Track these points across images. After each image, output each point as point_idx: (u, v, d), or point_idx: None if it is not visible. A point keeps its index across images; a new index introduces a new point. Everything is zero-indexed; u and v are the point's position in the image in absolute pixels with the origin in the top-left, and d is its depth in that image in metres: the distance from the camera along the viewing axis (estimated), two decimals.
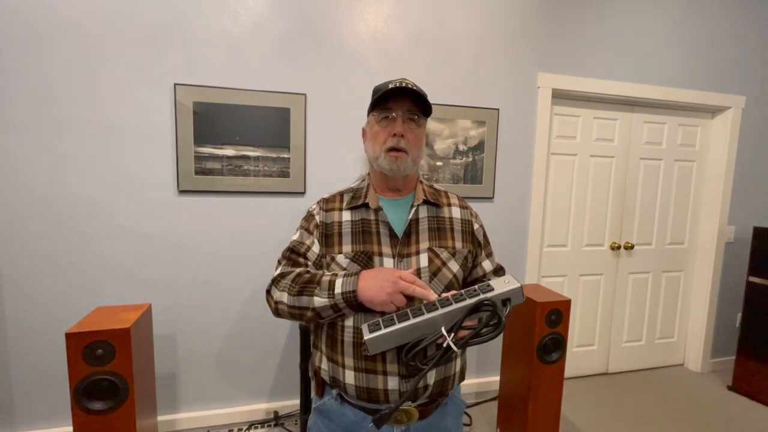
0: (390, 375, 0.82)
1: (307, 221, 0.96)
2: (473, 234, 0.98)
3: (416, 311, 0.75)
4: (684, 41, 2.39)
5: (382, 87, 0.91)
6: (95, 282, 1.74)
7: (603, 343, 2.62)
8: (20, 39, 1.57)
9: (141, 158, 1.74)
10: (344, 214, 0.93)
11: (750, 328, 2.38)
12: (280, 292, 0.86)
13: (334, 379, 0.88)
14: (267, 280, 1.93)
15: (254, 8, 1.79)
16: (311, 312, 0.82)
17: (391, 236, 0.90)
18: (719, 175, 2.58)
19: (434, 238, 0.92)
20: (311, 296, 0.81)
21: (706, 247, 2.67)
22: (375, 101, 0.91)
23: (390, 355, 0.82)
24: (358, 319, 0.83)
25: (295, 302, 0.83)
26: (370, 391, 0.83)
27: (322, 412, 0.94)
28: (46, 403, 1.74)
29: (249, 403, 1.99)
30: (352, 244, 0.89)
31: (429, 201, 0.95)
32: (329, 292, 0.80)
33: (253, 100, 1.81)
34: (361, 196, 0.95)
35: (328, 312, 0.82)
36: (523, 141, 2.21)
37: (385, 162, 0.90)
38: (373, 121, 0.93)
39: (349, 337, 0.85)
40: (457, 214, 0.97)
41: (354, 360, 0.84)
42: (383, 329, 0.73)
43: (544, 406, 1.74)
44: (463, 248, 0.94)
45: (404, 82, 0.89)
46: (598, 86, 2.27)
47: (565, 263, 2.47)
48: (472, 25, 2.05)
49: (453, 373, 0.90)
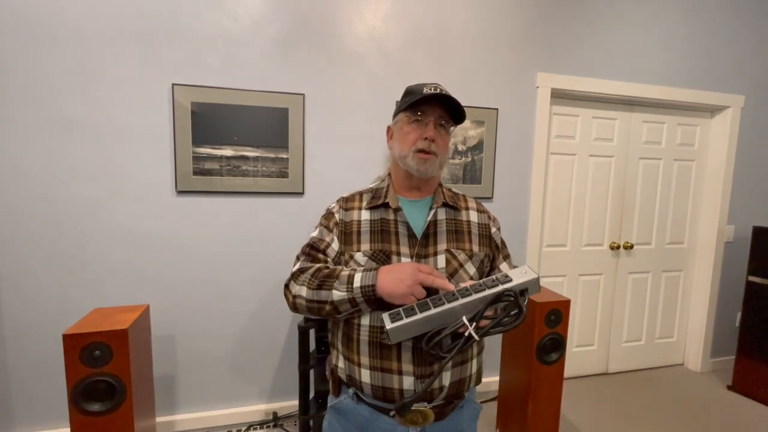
0: (405, 375, 0.83)
1: (327, 219, 0.97)
2: (491, 237, 0.99)
3: (436, 301, 0.76)
4: (683, 41, 2.38)
5: (416, 90, 0.92)
6: (93, 283, 1.74)
7: (602, 343, 2.62)
8: (18, 39, 1.57)
9: (139, 159, 1.73)
10: (363, 213, 0.94)
11: (749, 328, 2.38)
12: (299, 286, 0.86)
13: (350, 377, 0.89)
14: (266, 281, 1.93)
15: (252, 8, 1.79)
16: (329, 306, 0.82)
17: (409, 236, 0.91)
18: (718, 174, 2.58)
19: (452, 240, 0.93)
20: (330, 290, 0.82)
21: (705, 247, 2.67)
22: (408, 103, 0.91)
23: (406, 354, 0.83)
24: (374, 318, 0.84)
25: (314, 296, 0.84)
26: (385, 390, 0.84)
27: (339, 411, 0.95)
28: (44, 405, 1.73)
29: (248, 403, 1.98)
30: (371, 243, 0.90)
31: (448, 204, 0.97)
32: (348, 285, 0.81)
33: (251, 100, 1.81)
34: (381, 195, 0.96)
35: (346, 306, 0.82)
36: (522, 141, 2.21)
37: (413, 161, 0.91)
38: (404, 121, 0.93)
39: (365, 336, 0.85)
40: (474, 218, 0.98)
41: (370, 359, 0.85)
42: (405, 319, 0.75)
43: (544, 406, 1.73)
44: (479, 251, 0.95)
45: (439, 88, 0.91)
46: (597, 86, 2.26)
47: (565, 263, 2.47)
48: (470, 24, 2.05)
49: (469, 374, 0.90)
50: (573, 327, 2.53)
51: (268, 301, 1.95)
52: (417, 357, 0.83)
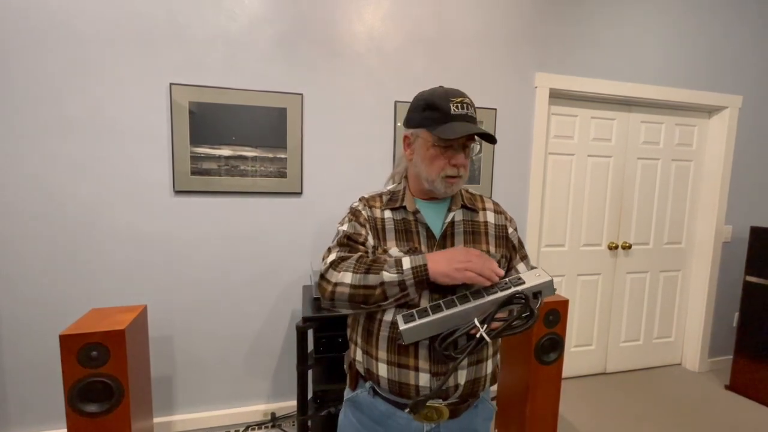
0: (421, 371, 0.85)
1: (355, 216, 0.96)
2: (507, 238, 0.99)
3: (449, 303, 0.78)
4: (681, 41, 2.39)
5: (441, 104, 0.86)
6: (90, 283, 1.73)
7: (601, 343, 2.62)
8: (16, 39, 1.56)
9: (137, 158, 1.73)
10: (386, 212, 0.95)
11: (747, 328, 2.39)
12: (343, 273, 0.85)
13: (368, 371, 0.90)
14: (264, 281, 1.93)
15: (251, 8, 1.78)
16: (379, 289, 0.82)
17: (428, 237, 0.92)
18: (716, 174, 2.59)
19: (469, 241, 0.93)
20: (379, 273, 0.82)
21: (703, 247, 2.67)
22: (437, 127, 0.86)
23: (422, 352, 0.85)
24: (396, 314, 0.86)
25: (361, 281, 0.82)
26: (401, 386, 0.86)
27: (355, 404, 0.96)
28: (40, 406, 1.72)
29: (246, 404, 1.98)
30: (397, 241, 0.91)
31: (466, 206, 0.97)
32: (398, 268, 0.81)
33: (249, 100, 1.80)
34: (398, 198, 0.96)
35: (395, 290, 0.81)
36: (520, 141, 2.21)
37: (441, 186, 0.90)
38: (429, 141, 0.89)
39: (385, 332, 0.87)
40: (491, 219, 0.99)
41: (388, 354, 0.87)
42: (418, 320, 0.76)
43: (542, 406, 1.73)
44: (496, 252, 0.95)
45: (464, 103, 0.87)
46: (596, 86, 2.27)
47: (563, 263, 2.47)
48: (469, 25, 2.05)
49: (484, 375, 0.90)
50: (571, 327, 2.53)
51: (266, 301, 1.95)
52: (433, 355, 0.84)
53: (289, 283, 1.97)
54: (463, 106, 0.87)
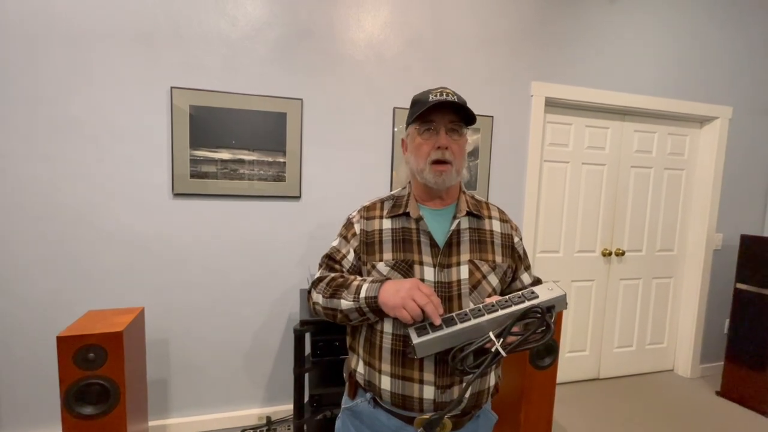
0: (426, 384, 0.83)
1: (347, 229, 0.97)
2: (513, 248, 0.97)
3: (462, 316, 0.76)
4: (674, 52, 2.44)
5: (422, 98, 0.91)
6: (88, 285, 1.73)
7: (594, 349, 2.65)
8: (15, 40, 1.57)
9: (136, 161, 1.73)
10: (385, 222, 0.93)
11: (737, 335, 2.42)
12: (317, 294, 0.91)
13: (369, 383, 0.89)
14: (261, 284, 1.95)
15: (252, 13, 1.80)
16: (340, 314, 0.86)
17: (431, 246, 0.89)
18: (707, 183, 2.64)
19: (475, 250, 0.91)
20: (340, 299, 0.85)
21: (694, 254, 2.71)
22: (416, 114, 0.90)
23: (428, 364, 0.83)
24: (397, 326, 0.84)
25: (328, 304, 0.88)
26: (405, 399, 0.84)
27: (354, 413, 0.94)
28: (36, 408, 1.71)
29: (241, 408, 1.97)
30: (393, 252, 0.89)
31: (471, 213, 0.95)
32: (355, 295, 0.83)
33: (249, 104, 1.82)
34: (401, 204, 0.95)
35: (355, 315, 0.84)
36: (516, 148, 2.24)
37: (430, 176, 0.89)
38: (415, 133, 0.92)
39: (387, 344, 0.86)
40: (497, 228, 0.97)
41: (391, 366, 0.85)
42: (431, 334, 0.74)
43: (537, 411, 1.75)
44: (502, 263, 0.93)
45: (445, 92, 0.90)
46: (590, 95, 2.31)
47: (558, 269, 2.50)
48: (467, 34, 2.09)
49: (487, 387, 0.90)
50: (565, 333, 2.55)
51: (263, 305, 1.95)
52: (439, 367, 0.83)
53: (287, 286, 1.98)
54: (443, 93, 0.89)
